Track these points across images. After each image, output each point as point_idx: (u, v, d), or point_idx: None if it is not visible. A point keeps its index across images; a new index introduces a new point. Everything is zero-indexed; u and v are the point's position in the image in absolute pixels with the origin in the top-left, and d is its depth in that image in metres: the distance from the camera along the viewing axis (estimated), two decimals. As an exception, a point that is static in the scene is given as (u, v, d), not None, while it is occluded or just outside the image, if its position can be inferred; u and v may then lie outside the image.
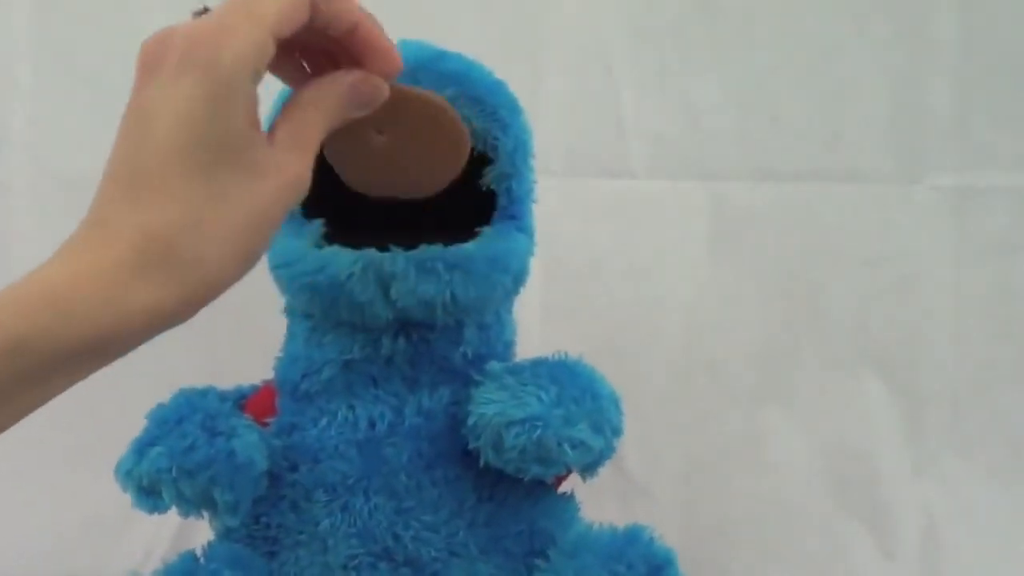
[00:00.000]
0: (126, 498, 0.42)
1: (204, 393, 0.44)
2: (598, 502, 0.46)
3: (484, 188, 0.42)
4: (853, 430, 0.68)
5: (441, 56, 0.41)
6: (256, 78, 0.28)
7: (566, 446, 0.39)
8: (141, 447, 0.41)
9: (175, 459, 0.40)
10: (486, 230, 0.42)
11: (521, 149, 0.43)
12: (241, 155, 0.28)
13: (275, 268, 0.42)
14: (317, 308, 0.42)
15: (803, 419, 0.68)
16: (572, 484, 0.47)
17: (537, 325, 0.67)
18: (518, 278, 0.44)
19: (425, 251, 0.40)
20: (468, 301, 0.41)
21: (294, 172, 0.30)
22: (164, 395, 0.45)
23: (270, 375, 0.47)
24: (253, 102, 0.28)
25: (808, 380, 0.68)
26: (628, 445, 0.68)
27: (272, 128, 0.30)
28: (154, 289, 0.27)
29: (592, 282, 0.68)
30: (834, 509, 0.67)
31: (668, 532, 0.42)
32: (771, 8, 0.67)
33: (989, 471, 0.67)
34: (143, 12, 0.68)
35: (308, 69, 0.33)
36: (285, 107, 0.31)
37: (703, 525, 0.67)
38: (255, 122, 0.28)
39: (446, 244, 0.40)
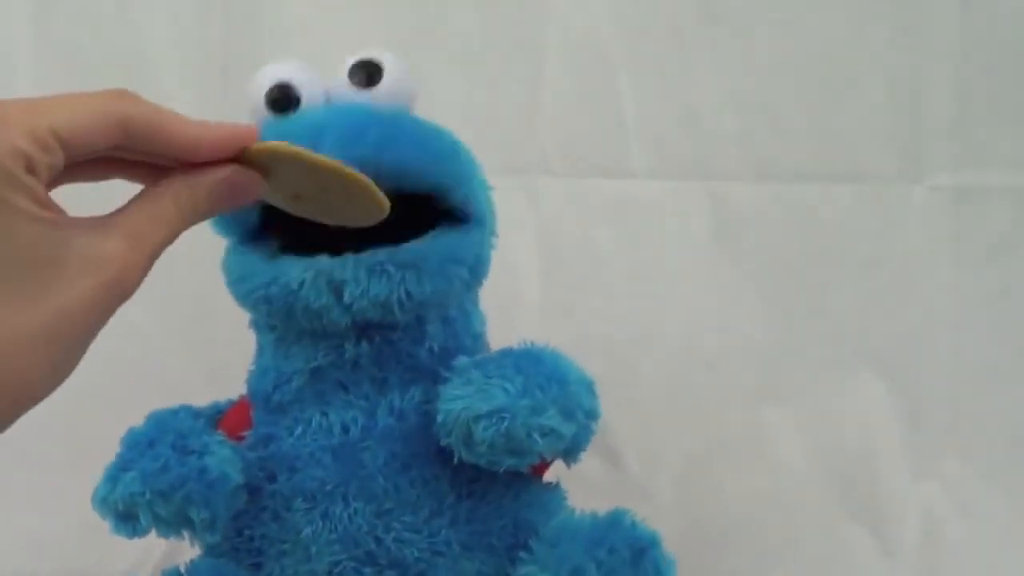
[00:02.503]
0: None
1: (175, 412, 0.44)
2: (597, 502, 0.45)
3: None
4: (853, 430, 0.68)
5: (374, 154, 0.39)
6: (34, 167, 0.25)
7: (536, 435, 0.38)
8: (115, 473, 0.41)
9: (148, 482, 0.40)
10: (441, 227, 0.42)
11: (466, 182, 0.43)
12: (34, 257, 0.25)
13: (231, 284, 0.43)
14: (278, 319, 0.42)
15: (803, 419, 0.68)
16: (562, 477, 0.47)
17: (537, 325, 0.67)
18: (475, 269, 0.44)
19: (374, 253, 0.40)
20: (424, 297, 0.41)
21: (118, 267, 0.26)
22: (163, 398, 0.45)
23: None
24: (36, 193, 0.25)
25: (808, 380, 0.68)
26: (628, 445, 0.68)
27: (117, 211, 0.27)
28: None
29: (592, 282, 0.68)
30: (834, 509, 0.67)
31: (668, 532, 0.42)
32: (771, 8, 0.67)
33: (989, 471, 0.67)
34: (143, 12, 0.68)
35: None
36: (140, 193, 0.28)
37: (703, 525, 0.67)
38: (47, 215, 0.25)
39: (399, 244, 0.40)
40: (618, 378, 0.66)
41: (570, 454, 0.42)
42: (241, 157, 0.30)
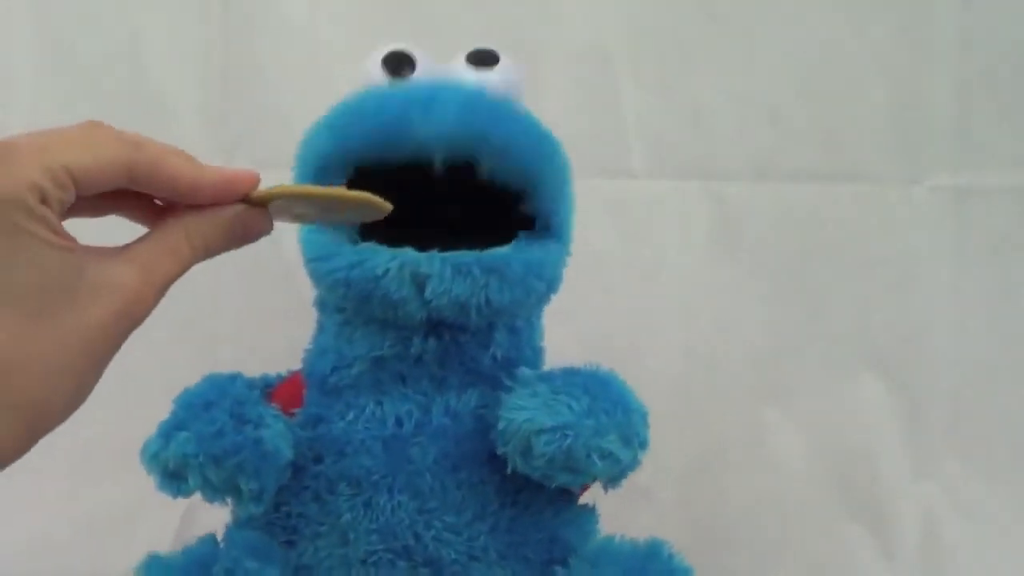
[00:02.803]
0: (126, 498, 0.42)
1: (232, 379, 0.44)
2: (597, 502, 0.46)
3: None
4: (853, 430, 0.68)
5: (485, 129, 0.39)
6: (48, 199, 0.26)
7: (595, 456, 0.39)
8: (168, 430, 0.41)
9: (203, 445, 0.40)
10: (522, 235, 0.42)
11: (559, 190, 0.43)
12: (50, 284, 0.26)
13: (310, 261, 0.42)
14: (350, 303, 0.42)
15: (803, 419, 0.68)
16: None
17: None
18: (552, 285, 0.44)
19: (462, 254, 0.40)
20: (502, 305, 0.41)
21: (131, 294, 0.28)
22: (164, 397, 0.45)
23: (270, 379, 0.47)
24: (51, 223, 0.26)
25: (808, 380, 0.68)
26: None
27: (130, 244, 0.29)
28: None
29: (592, 282, 0.68)
30: (834, 509, 0.67)
31: (668, 532, 0.42)
32: (771, 8, 0.67)
33: (989, 471, 0.67)
34: (143, 12, 0.68)
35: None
36: (153, 228, 0.30)
37: (703, 525, 0.67)
38: (63, 244, 0.26)
39: (483, 248, 0.40)
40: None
41: (615, 480, 0.42)
42: (246, 202, 0.31)
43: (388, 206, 0.34)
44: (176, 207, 0.30)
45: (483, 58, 0.43)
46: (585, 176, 0.68)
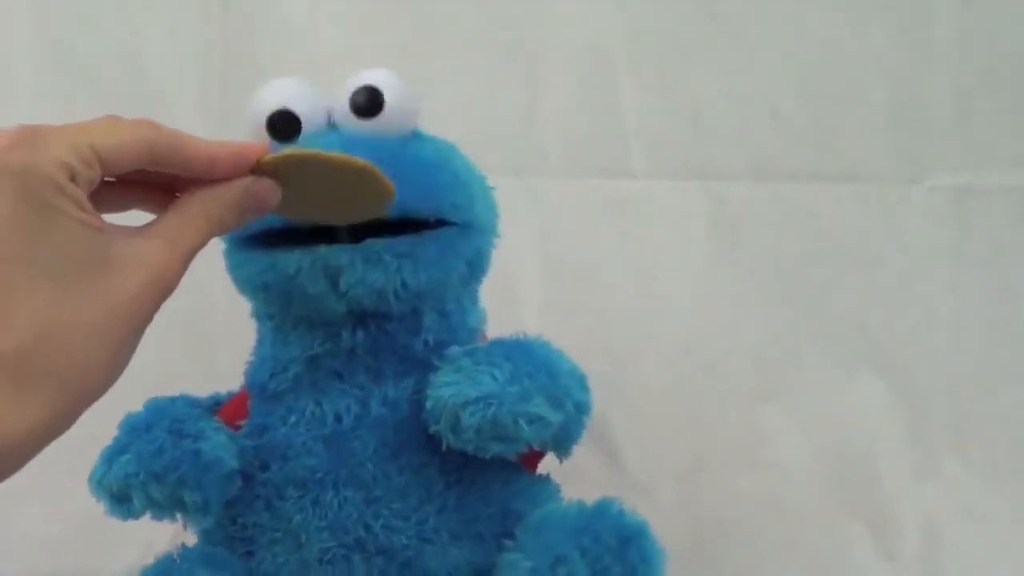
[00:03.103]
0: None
1: (173, 401, 0.45)
2: (588, 496, 0.45)
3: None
4: (853, 430, 0.68)
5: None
6: (76, 177, 0.27)
7: (522, 422, 0.38)
8: (111, 455, 0.42)
9: (143, 464, 0.40)
10: (439, 228, 0.42)
11: (467, 210, 0.43)
12: (83, 256, 0.27)
13: (229, 271, 0.44)
14: (275, 307, 0.43)
15: (803, 419, 0.68)
16: (563, 479, 0.47)
17: (536, 325, 0.66)
18: (473, 263, 0.44)
19: (372, 243, 0.40)
20: (420, 287, 0.41)
21: (159, 265, 0.29)
22: (163, 395, 0.45)
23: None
24: (80, 200, 0.27)
25: (808, 380, 0.68)
26: (628, 444, 0.68)
27: (151, 222, 0.31)
28: (19, 410, 0.26)
29: (592, 282, 0.68)
30: (834, 509, 0.67)
31: (668, 532, 0.42)
32: (771, 8, 0.67)
33: (989, 471, 0.67)
34: (143, 12, 0.68)
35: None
36: (171, 205, 0.31)
37: (703, 525, 0.67)
38: (91, 220, 0.28)
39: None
40: (618, 378, 0.66)
41: (560, 446, 0.42)
42: (255, 170, 0.32)
43: (393, 188, 0.35)
44: (189, 187, 0.32)
45: (366, 107, 0.42)
46: (585, 176, 0.69)
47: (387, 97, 0.42)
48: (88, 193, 0.28)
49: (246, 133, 0.42)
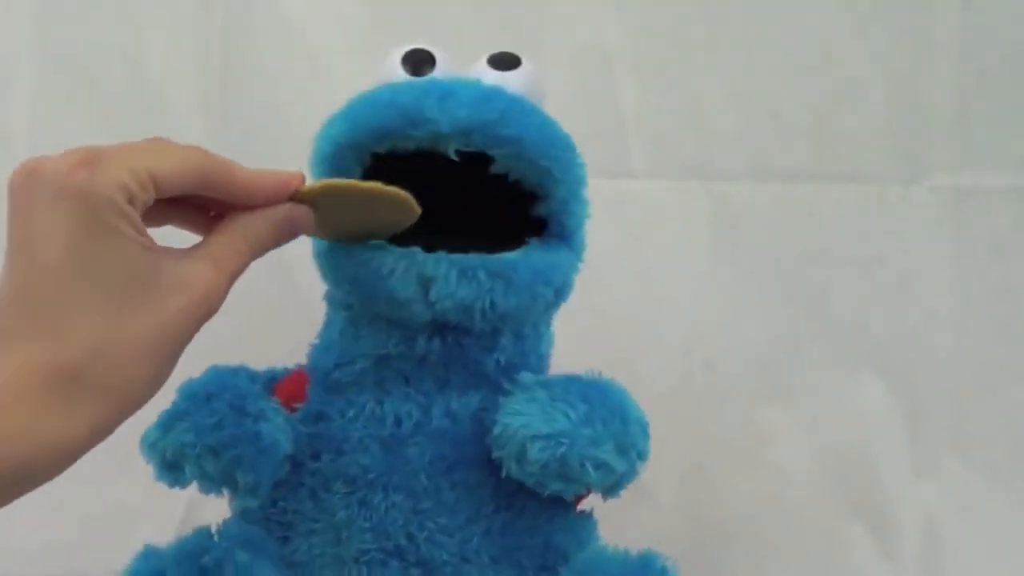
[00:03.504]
0: (127, 498, 0.42)
1: (235, 372, 0.44)
2: (597, 502, 0.46)
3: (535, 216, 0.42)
4: (853, 430, 0.68)
5: (499, 120, 0.39)
6: (134, 200, 0.29)
7: (589, 466, 0.39)
8: (168, 420, 0.41)
9: (201, 436, 0.40)
10: (533, 241, 0.42)
11: (573, 192, 0.43)
12: (136, 276, 0.29)
13: (319, 256, 0.43)
14: (356, 300, 0.42)
15: (803, 419, 0.68)
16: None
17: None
18: (560, 292, 0.44)
19: (469, 257, 0.40)
20: (507, 309, 0.40)
21: (205, 287, 0.31)
22: (166, 396, 0.45)
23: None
24: (135, 222, 0.29)
25: (808, 380, 0.68)
26: (628, 445, 0.68)
27: (197, 245, 0.32)
28: (71, 420, 0.27)
29: (592, 282, 0.68)
30: (834, 509, 0.67)
31: (668, 532, 0.42)
32: (771, 8, 0.67)
33: (989, 471, 0.67)
34: (143, 12, 0.69)
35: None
36: (218, 225, 0.33)
37: (703, 525, 0.67)
38: (144, 241, 0.29)
39: (492, 251, 0.40)
40: (618, 378, 0.66)
41: (612, 490, 0.42)
42: (292, 197, 0.35)
43: (418, 210, 0.36)
44: (228, 211, 0.33)
45: (504, 61, 0.43)
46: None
47: (524, 64, 0.43)
48: (142, 214, 0.29)
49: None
